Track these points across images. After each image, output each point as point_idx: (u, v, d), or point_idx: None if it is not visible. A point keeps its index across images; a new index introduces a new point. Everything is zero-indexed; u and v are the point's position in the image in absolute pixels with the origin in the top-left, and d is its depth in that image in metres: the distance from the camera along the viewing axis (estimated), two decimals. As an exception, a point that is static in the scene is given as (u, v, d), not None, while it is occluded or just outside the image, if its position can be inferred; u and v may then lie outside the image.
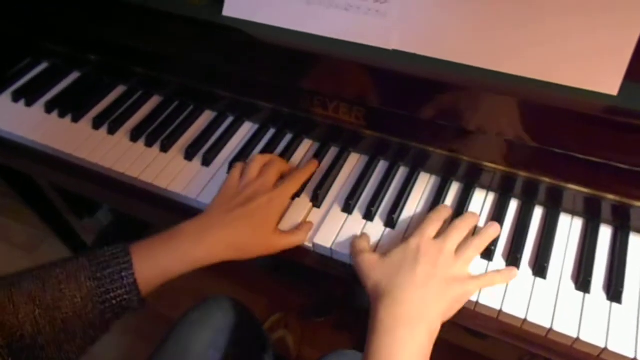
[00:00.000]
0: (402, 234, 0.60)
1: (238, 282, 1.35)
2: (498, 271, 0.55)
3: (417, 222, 0.61)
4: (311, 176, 0.66)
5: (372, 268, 0.53)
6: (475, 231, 0.59)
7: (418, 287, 0.49)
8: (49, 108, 0.80)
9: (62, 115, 0.79)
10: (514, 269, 0.55)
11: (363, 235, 0.60)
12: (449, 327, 0.55)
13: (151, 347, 0.69)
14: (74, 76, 0.86)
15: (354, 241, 0.58)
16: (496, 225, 0.58)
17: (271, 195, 0.59)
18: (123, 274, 0.48)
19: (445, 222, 0.58)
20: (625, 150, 0.51)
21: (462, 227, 0.56)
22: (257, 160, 0.64)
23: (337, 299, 1.28)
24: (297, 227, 0.61)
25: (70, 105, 0.80)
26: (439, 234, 0.56)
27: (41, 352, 0.45)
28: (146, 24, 0.71)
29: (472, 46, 0.52)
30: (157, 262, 0.52)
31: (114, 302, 0.48)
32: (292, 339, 1.24)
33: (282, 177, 0.65)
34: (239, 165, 0.64)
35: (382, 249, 0.59)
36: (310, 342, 1.25)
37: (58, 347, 0.46)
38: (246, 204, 0.57)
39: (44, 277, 0.47)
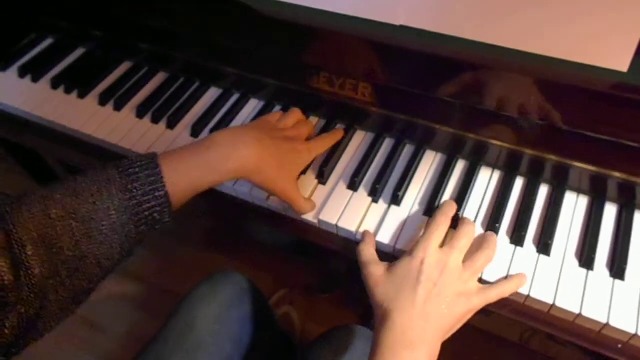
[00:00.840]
0: (406, 212, 0.61)
1: (244, 259, 1.37)
2: (508, 280, 0.53)
3: (423, 199, 0.61)
4: (336, 141, 0.68)
5: (377, 285, 0.52)
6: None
7: (419, 309, 0.49)
8: (55, 84, 0.80)
9: (68, 91, 0.79)
10: (524, 274, 0.54)
11: (369, 239, 0.58)
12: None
13: (160, 322, 0.71)
14: (79, 52, 0.86)
15: (361, 249, 0.56)
16: (495, 236, 0.56)
17: (302, 147, 0.61)
18: (154, 186, 0.47)
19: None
20: (634, 128, 0.50)
21: (469, 234, 0.54)
22: (297, 114, 0.66)
23: (341, 276, 1.29)
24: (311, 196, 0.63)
25: (76, 81, 0.80)
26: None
27: (81, 263, 0.44)
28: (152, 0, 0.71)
29: (480, 22, 0.52)
30: (188, 173, 0.50)
31: (146, 213, 0.47)
32: (296, 315, 1.26)
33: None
34: (273, 113, 0.66)
35: (385, 231, 0.59)
36: (315, 318, 1.27)
37: (97, 261, 0.45)
38: (281, 141, 0.58)
39: (77, 189, 0.45)
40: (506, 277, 0.54)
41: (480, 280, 0.54)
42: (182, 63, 0.78)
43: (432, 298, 0.49)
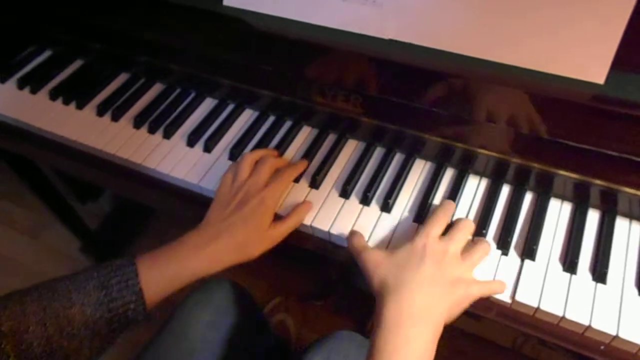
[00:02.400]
0: (397, 219, 0.62)
1: (239, 266, 1.38)
2: (498, 281, 0.56)
3: (413, 206, 0.63)
4: (302, 173, 0.67)
5: (378, 265, 0.53)
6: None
7: (423, 286, 0.50)
8: (54, 95, 0.82)
9: (66, 102, 0.81)
10: (502, 282, 0.56)
11: (356, 232, 0.60)
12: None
13: (154, 328, 0.72)
14: (77, 64, 0.88)
15: (352, 241, 0.58)
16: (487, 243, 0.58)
17: (263, 196, 0.59)
18: (129, 282, 0.50)
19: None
20: (613, 138, 0.52)
21: (466, 228, 0.57)
22: (247, 159, 0.63)
23: (336, 283, 1.31)
24: (292, 210, 0.62)
25: (74, 93, 0.81)
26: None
27: (49, 358, 0.46)
28: (148, 13, 0.73)
29: (465, 36, 0.54)
30: (162, 272, 0.53)
31: (120, 310, 0.49)
32: (292, 321, 1.27)
33: (277, 171, 0.65)
34: (231, 168, 0.64)
35: (377, 237, 0.61)
36: (310, 325, 1.28)
37: (65, 357, 0.47)
38: (240, 209, 0.58)
39: (54, 286, 0.49)
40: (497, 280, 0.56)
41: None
42: (179, 74, 0.80)
43: (435, 279, 0.51)
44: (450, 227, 0.58)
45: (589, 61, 0.49)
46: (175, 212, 0.61)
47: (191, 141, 0.73)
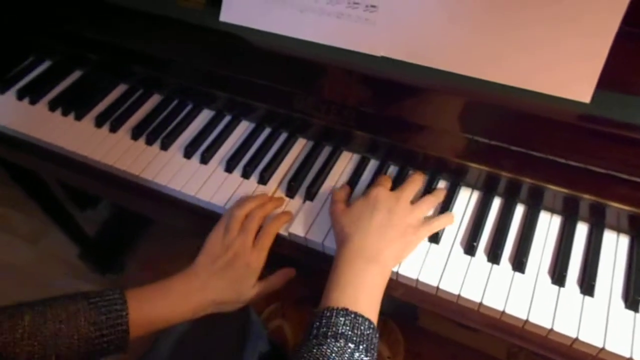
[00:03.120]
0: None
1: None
2: (445, 214, 0.63)
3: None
4: (283, 224, 0.66)
5: (339, 216, 0.61)
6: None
7: (375, 231, 0.57)
8: (53, 106, 0.83)
9: (65, 113, 0.82)
10: (451, 213, 0.63)
11: (344, 186, 0.67)
12: (441, 321, 0.59)
13: (149, 339, 0.73)
14: (76, 75, 0.89)
15: (333, 191, 0.66)
16: (443, 190, 0.66)
17: (249, 260, 0.62)
18: (118, 321, 0.53)
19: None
20: (599, 155, 0.54)
21: (416, 181, 0.65)
22: (236, 217, 0.64)
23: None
24: (274, 275, 0.66)
25: (73, 104, 0.82)
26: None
27: None
28: (146, 28, 0.74)
29: (454, 54, 0.55)
30: (148, 314, 0.56)
31: (105, 345, 0.52)
32: (289, 327, 1.28)
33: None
34: (222, 221, 0.65)
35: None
36: (307, 331, 1.29)
37: None
38: (226, 270, 0.61)
39: (47, 314, 0.50)
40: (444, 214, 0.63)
41: (458, 297, 0.57)
42: (176, 86, 0.81)
43: (385, 224, 0.58)
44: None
45: (575, 80, 0.50)
46: (172, 222, 0.62)
47: (188, 153, 0.74)
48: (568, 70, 0.51)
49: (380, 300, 0.55)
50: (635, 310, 0.54)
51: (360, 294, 0.53)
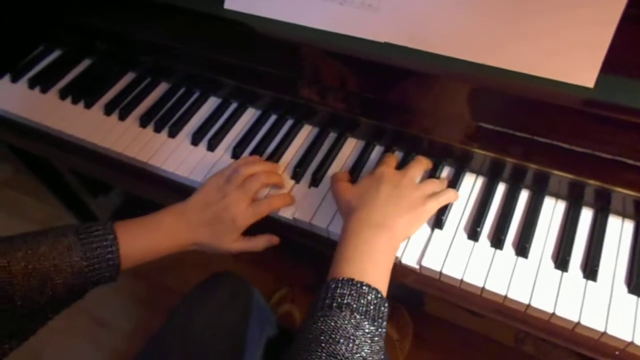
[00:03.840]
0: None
1: (245, 259, 1.41)
2: (451, 190, 0.63)
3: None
4: (285, 204, 0.67)
5: (344, 191, 0.61)
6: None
7: (382, 203, 0.57)
8: (63, 95, 0.84)
9: (75, 101, 0.83)
10: (455, 190, 0.64)
11: (345, 172, 0.67)
12: (447, 306, 0.60)
13: (164, 318, 0.75)
14: (85, 63, 0.90)
15: (334, 173, 0.66)
16: (445, 179, 0.66)
17: (237, 218, 0.63)
18: (109, 256, 0.55)
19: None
20: (603, 140, 0.53)
21: (421, 163, 0.65)
22: (241, 173, 0.65)
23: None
24: (256, 238, 0.67)
25: (82, 92, 0.84)
26: None
27: (26, 311, 0.51)
28: (152, 16, 0.75)
29: (458, 40, 0.55)
30: (137, 247, 0.59)
31: (96, 277, 0.55)
32: (297, 312, 1.29)
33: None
34: (227, 170, 0.66)
35: None
36: (315, 316, 1.30)
37: (39, 309, 0.52)
38: (214, 219, 0.63)
39: (40, 251, 0.52)
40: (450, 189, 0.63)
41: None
42: (183, 74, 0.82)
43: (392, 197, 0.58)
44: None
45: (578, 65, 0.50)
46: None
47: (195, 140, 0.75)
48: (572, 55, 0.50)
49: (390, 269, 0.54)
50: (638, 295, 0.54)
51: (368, 263, 0.52)
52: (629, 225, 0.60)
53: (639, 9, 0.49)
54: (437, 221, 0.62)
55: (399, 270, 0.61)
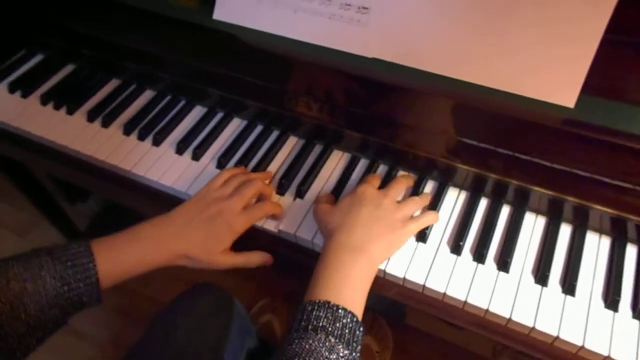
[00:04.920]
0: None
1: (227, 269, 1.40)
2: (433, 212, 0.64)
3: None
4: (276, 213, 0.66)
5: (325, 213, 0.61)
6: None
7: (362, 226, 0.57)
8: (45, 100, 0.83)
9: (57, 107, 0.82)
10: (436, 212, 0.64)
11: (329, 194, 0.67)
12: (428, 319, 0.61)
13: (143, 329, 0.73)
14: (69, 69, 0.89)
15: (319, 195, 0.67)
16: (430, 195, 0.67)
17: (233, 222, 0.61)
18: (87, 274, 0.52)
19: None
20: (583, 160, 0.55)
21: (402, 182, 0.65)
22: (238, 179, 0.64)
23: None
24: (249, 252, 0.64)
25: (65, 98, 0.82)
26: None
27: (2, 343, 0.47)
28: (139, 25, 0.74)
29: (442, 58, 0.56)
30: (118, 263, 0.55)
31: (75, 299, 0.51)
32: (278, 323, 1.29)
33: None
34: (220, 178, 0.65)
35: None
36: (296, 327, 1.30)
37: (18, 339, 0.49)
38: (207, 224, 0.60)
39: (9, 274, 0.49)
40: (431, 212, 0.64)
41: (444, 296, 0.58)
42: (169, 83, 0.82)
43: (373, 219, 0.58)
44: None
45: (560, 86, 0.52)
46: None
47: (180, 149, 0.75)
48: (553, 76, 0.52)
49: (367, 293, 0.54)
50: (615, 310, 0.56)
51: (345, 286, 0.52)
52: (606, 242, 0.62)
53: (617, 34, 0.51)
54: (421, 235, 0.63)
55: (382, 283, 0.62)
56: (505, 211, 0.66)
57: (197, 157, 0.74)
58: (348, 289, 0.52)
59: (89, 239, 0.55)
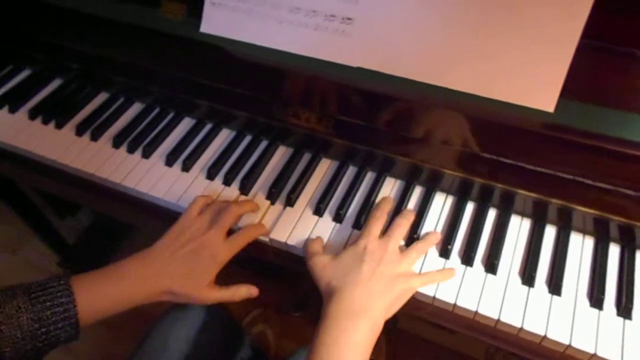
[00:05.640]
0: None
1: (218, 281, 1.39)
2: (439, 271, 0.60)
3: (385, 223, 0.66)
4: (261, 233, 0.66)
5: (323, 269, 0.58)
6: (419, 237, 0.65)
7: (364, 284, 0.55)
8: (33, 114, 0.83)
9: (45, 121, 0.82)
10: (452, 269, 0.61)
11: (315, 239, 0.64)
12: (420, 323, 0.61)
13: (132, 343, 0.73)
14: (56, 83, 0.89)
15: (307, 244, 0.62)
16: (437, 233, 0.64)
17: (216, 253, 0.60)
18: (66, 314, 0.51)
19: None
20: (565, 162, 0.57)
21: (403, 225, 0.63)
22: (213, 209, 0.64)
23: (313, 294, 1.33)
24: (233, 286, 0.63)
25: (53, 112, 0.82)
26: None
27: None
28: (126, 38, 0.75)
29: (423, 65, 0.58)
30: (99, 301, 0.54)
31: (53, 340, 0.50)
32: (271, 332, 1.29)
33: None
34: (194, 207, 0.64)
35: (333, 248, 0.64)
36: (289, 335, 1.30)
37: None
38: (189, 258, 0.59)
39: None
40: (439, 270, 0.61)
41: (433, 299, 0.59)
42: (157, 95, 0.82)
43: (375, 276, 0.56)
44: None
45: (540, 91, 0.53)
46: (154, 229, 0.63)
47: (169, 161, 0.75)
48: (533, 83, 0.54)
49: (369, 353, 0.53)
50: (599, 308, 0.57)
51: (346, 353, 0.51)
52: (590, 242, 0.63)
53: (593, 39, 0.52)
54: (410, 240, 0.64)
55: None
56: (492, 214, 0.67)
57: (186, 168, 0.74)
58: (349, 356, 0.51)
59: (68, 276, 0.54)
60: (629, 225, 0.59)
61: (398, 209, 0.67)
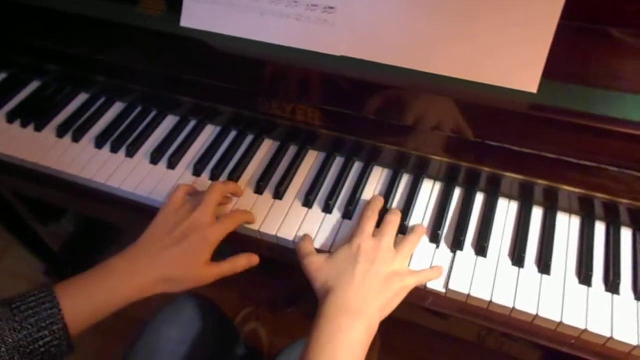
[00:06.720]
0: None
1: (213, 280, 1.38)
2: (432, 268, 0.60)
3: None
4: (248, 220, 0.65)
5: (318, 270, 0.57)
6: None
7: (359, 283, 0.54)
8: (11, 118, 0.81)
9: (24, 125, 0.80)
10: (441, 267, 0.61)
11: (306, 237, 0.63)
12: (411, 309, 0.62)
13: (123, 346, 0.72)
14: (34, 85, 0.87)
15: (299, 245, 0.62)
16: (423, 225, 0.65)
17: (206, 233, 0.59)
18: (50, 320, 0.48)
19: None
20: (550, 142, 0.57)
21: (394, 221, 0.62)
22: (194, 193, 0.63)
23: (304, 290, 1.33)
24: (231, 258, 0.62)
25: (32, 115, 0.81)
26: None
27: None
28: (105, 36, 0.74)
29: (407, 51, 0.58)
30: (88, 304, 0.52)
31: (42, 350, 0.48)
32: (264, 330, 1.28)
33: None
34: (177, 193, 0.62)
35: (325, 239, 0.64)
36: (283, 332, 1.30)
37: None
38: (180, 242, 0.58)
39: None
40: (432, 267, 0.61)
41: (426, 284, 0.59)
42: (139, 93, 0.81)
43: (370, 275, 0.55)
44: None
45: (522, 72, 0.54)
46: (142, 230, 0.62)
47: (154, 159, 0.74)
48: (516, 65, 0.54)
49: (365, 354, 0.52)
50: (588, 285, 0.58)
51: (341, 351, 0.51)
52: (576, 221, 0.64)
53: (572, 20, 0.53)
54: (401, 227, 0.64)
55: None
56: (479, 198, 0.68)
57: (172, 165, 0.74)
58: (344, 355, 0.51)
59: (53, 282, 0.52)
60: (614, 202, 0.60)
61: (387, 198, 0.67)
